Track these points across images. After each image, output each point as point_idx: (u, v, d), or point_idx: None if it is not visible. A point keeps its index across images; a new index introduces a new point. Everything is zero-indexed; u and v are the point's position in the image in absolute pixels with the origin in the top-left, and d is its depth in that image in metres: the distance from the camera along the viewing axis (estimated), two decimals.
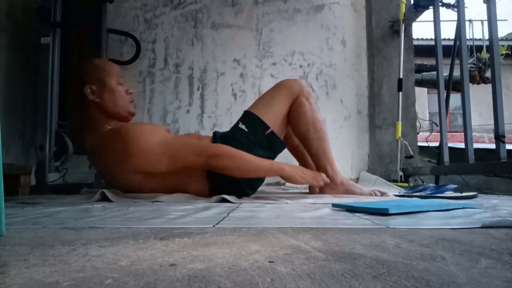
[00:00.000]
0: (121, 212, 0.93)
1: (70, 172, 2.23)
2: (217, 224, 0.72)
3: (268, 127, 1.51)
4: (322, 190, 1.56)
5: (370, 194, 1.52)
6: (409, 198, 1.38)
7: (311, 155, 1.58)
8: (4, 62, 2.09)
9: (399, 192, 1.70)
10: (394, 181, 2.22)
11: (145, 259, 0.43)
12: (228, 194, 1.31)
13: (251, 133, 1.49)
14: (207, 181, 1.42)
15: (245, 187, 1.44)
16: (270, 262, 0.41)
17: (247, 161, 1.33)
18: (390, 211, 0.83)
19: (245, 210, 1.00)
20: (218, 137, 1.50)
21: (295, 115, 1.56)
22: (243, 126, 1.52)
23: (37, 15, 2.02)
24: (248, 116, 1.55)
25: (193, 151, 1.33)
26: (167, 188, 1.38)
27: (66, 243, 0.53)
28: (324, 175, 1.41)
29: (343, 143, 2.60)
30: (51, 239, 0.57)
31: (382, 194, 1.52)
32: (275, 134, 1.52)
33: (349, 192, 1.53)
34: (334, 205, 1.02)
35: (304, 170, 1.41)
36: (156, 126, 1.49)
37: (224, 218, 0.80)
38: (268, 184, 2.34)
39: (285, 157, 1.88)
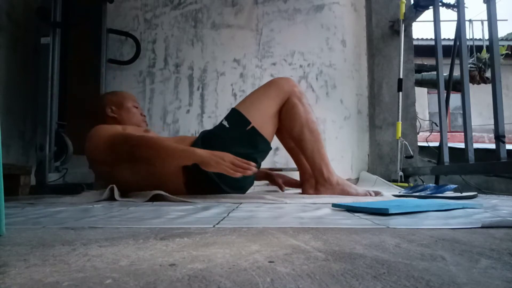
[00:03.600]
0: (121, 212, 0.93)
1: (70, 172, 2.23)
2: (217, 224, 0.72)
3: (249, 123, 1.49)
4: (318, 191, 1.57)
5: (365, 194, 1.52)
6: (408, 198, 1.38)
7: (306, 157, 1.57)
8: (4, 62, 2.09)
9: (399, 192, 1.70)
10: (394, 181, 2.22)
11: (145, 259, 0.43)
12: (204, 190, 1.36)
13: (232, 129, 1.50)
14: (182, 177, 1.44)
15: (221, 183, 1.43)
16: (270, 262, 0.41)
17: (162, 146, 1.33)
18: (390, 211, 0.83)
19: (245, 210, 1.00)
20: (200, 137, 1.52)
21: (288, 117, 1.55)
22: (225, 123, 1.53)
23: (37, 15, 2.03)
24: (232, 113, 1.56)
25: (124, 142, 1.40)
26: (143, 181, 1.43)
27: (66, 243, 0.53)
28: (253, 164, 1.27)
29: (343, 143, 2.60)
30: (51, 239, 0.57)
31: (377, 194, 1.53)
32: (256, 130, 1.49)
33: (344, 192, 1.53)
34: (334, 205, 1.02)
35: (226, 157, 1.26)
36: (129, 127, 1.59)
37: (224, 218, 0.80)
38: (267, 184, 2.33)
39: (285, 158, 1.89)
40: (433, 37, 2.21)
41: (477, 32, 13.59)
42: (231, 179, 1.39)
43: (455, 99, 5.73)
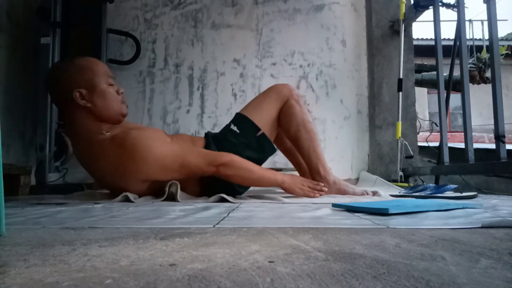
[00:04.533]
0: (121, 212, 0.93)
1: (70, 172, 2.24)
2: (217, 224, 0.72)
3: (259, 129, 1.55)
4: None
5: (362, 194, 1.53)
6: (407, 198, 1.38)
7: (303, 155, 1.61)
8: (4, 62, 2.10)
9: (399, 192, 1.70)
10: (394, 181, 2.22)
11: (145, 259, 0.43)
12: (217, 192, 1.34)
13: (242, 135, 1.54)
14: (199, 183, 1.47)
15: (237, 187, 1.48)
16: (270, 262, 0.41)
17: (252, 171, 1.39)
18: (390, 211, 0.83)
19: (245, 210, 1.00)
20: (210, 138, 1.54)
21: (285, 117, 1.60)
22: (235, 128, 1.56)
23: (37, 15, 2.03)
24: (240, 118, 1.60)
25: (205, 161, 1.35)
26: (162, 192, 1.36)
27: (66, 243, 0.53)
28: (322, 184, 1.47)
29: (343, 143, 2.60)
30: (51, 239, 0.57)
31: (374, 193, 1.53)
32: (266, 136, 1.56)
33: (341, 191, 1.55)
34: (334, 205, 1.02)
35: (304, 181, 1.47)
36: (157, 131, 1.46)
37: (224, 218, 0.80)
38: None
39: (285, 158, 1.89)
40: (433, 37, 2.21)
41: (477, 32, 13.60)
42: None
43: (455, 99, 5.73)
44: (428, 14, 2.29)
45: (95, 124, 1.33)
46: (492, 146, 1.76)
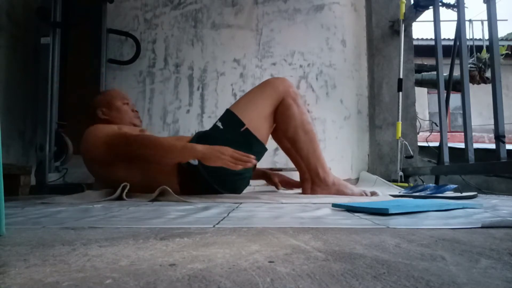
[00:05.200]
0: (121, 212, 0.93)
1: (70, 172, 2.24)
2: (217, 224, 0.72)
3: (243, 124, 1.50)
4: (314, 191, 1.58)
5: (361, 194, 1.53)
6: (406, 198, 1.38)
7: (302, 157, 1.58)
8: (4, 62, 2.09)
9: (399, 192, 1.70)
10: (394, 181, 2.22)
11: (145, 259, 0.43)
12: (198, 189, 1.38)
13: (226, 131, 1.51)
14: (177, 176, 1.47)
15: (213, 184, 1.45)
16: (270, 262, 0.41)
17: (161, 144, 1.36)
18: (390, 211, 0.83)
19: (245, 210, 1.00)
20: (196, 137, 1.54)
21: (283, 118, 1.55)
22: (219, 123, 1.54)
23: (37, 15, 2.03)
24: (226, 114, 1.57)
25: (122, 141, 1.43)
26: (138, 181, 1.44)
27: (66, 243, 0.53)
28: (252, 156, 1.31)
29: (343, 143, 2.60)
30: (51, 239, 0.57)
31: (373, 194, 1.53)
32: (251, 132, 1.50)
33: (340, 192, 1.54)
34: (334, 205, 1.02)
35: (226, 150, 1.28)
36: (125, 126, 1.60)
37: (224, 218, 0.80)
38: (267, 184, 2.33)
39: (285, 158, 1.89)
40: (433, 37, 2.21)
41: (477, 32, 13.59)
42: (224, 180, 1.46)
43: (455, 99, 5.73)
44: (428, 14, 2.30)
45: None
46: (492, 146, 1.76)
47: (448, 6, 2.11)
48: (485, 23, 2.86)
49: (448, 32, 19.73)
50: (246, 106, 1.55)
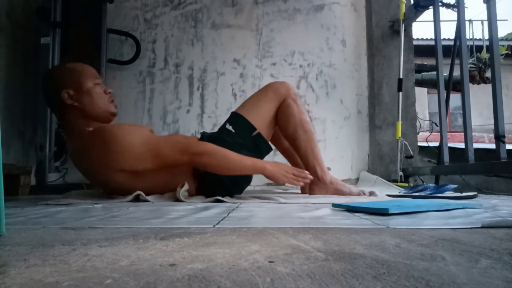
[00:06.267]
0: (121, 212, 0.93)
1: (70, 172, 2.23)
2: (217, 224, 0.72)
3: (254, 129, 1.52)
4: (312, 190, 1.58)
5: (359, 194, 1.53)
6: (405, 198, 1.38)
7: (300, 155, 1.59)
8: (4, 62, 2.10)
9: (399, 192, 1.70)
10: (394, 181, 2.22)
11: (145, 259, 0.43)
12: (214, 193, 1.33)
13: (238, 134, 1.51)
14: (193, 180, 1.43)
15: (231, 187, 1.46)
16: (270, 262, 0.41)
17: (229, 158, 1.34)
18: (390, 211, 0.83)
19: (245, 210, 1.00)
20: (205, 138, 1.52)
21: (283, 116, 1.58)
22: (230, 127, 1.53)
23: (37, 15, 2.03)
24: (235, 117, 1.56)
25: (176, 149, 1.32)
26: (153, 187, 1.37)
27: (66, 243, 0.53)
28: (307, 173, 1.40)
29: (343, 143, 2.60)
30: (51, 239, 0.57)
31: (371, 194, 1.53)
32: (262, 136, 1.53)
33: (338, 191, 1.55)
34: (334, 205, 1.02)
35: (288, 168, 1.40)
36: (139, 126, 1.50)
37: (224, 218, 0.80)
38: (267, 184, 2.33)
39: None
40: (433, 37, 2.21)
41: (477, 32, 13.59)
42: (240, 182, 1.52)
43: (455, 99, 5.73)
44: (428, 14, 2.30)
45: (83, 122, 1.37)
46: (492, 146, 1.76)
47: (448, 6, 2.11)
48: (485, 23, 2.86)
49: (448, 32, 19.74)
50: (252, 110, 1.57)
